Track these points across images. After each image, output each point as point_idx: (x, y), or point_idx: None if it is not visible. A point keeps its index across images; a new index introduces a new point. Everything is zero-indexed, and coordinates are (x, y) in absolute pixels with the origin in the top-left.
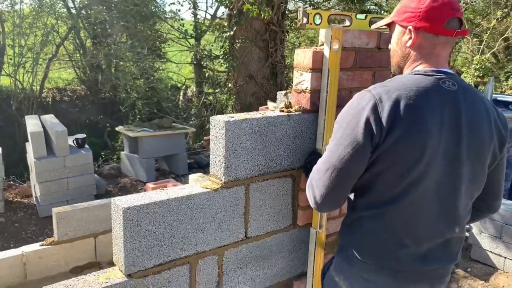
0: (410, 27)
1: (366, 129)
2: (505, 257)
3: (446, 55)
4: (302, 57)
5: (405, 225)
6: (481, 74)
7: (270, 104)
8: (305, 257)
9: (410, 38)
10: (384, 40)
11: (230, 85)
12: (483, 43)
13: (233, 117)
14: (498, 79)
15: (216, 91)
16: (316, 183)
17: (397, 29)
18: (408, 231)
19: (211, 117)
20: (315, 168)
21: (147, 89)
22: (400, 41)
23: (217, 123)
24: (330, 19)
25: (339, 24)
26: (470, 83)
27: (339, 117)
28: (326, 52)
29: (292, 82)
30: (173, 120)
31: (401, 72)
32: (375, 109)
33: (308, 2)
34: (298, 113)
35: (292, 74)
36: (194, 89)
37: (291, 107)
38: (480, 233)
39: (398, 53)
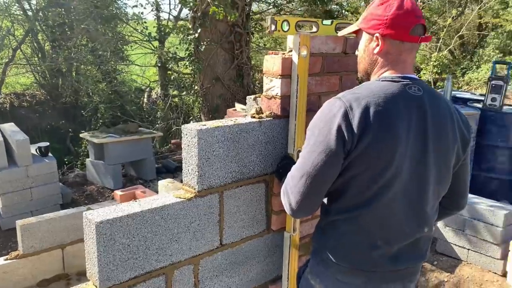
0: (377, 34)
1: (338, 136)
2: (468, 249)
3: (411, 61)
4: (272, 63)
5: (378, 227)
6: (439, 71)
7: (238, 106)
8: (280, 261)
9: (377, 45)
10: (350, 45)
11: (196, 87)
12: (440, 40)
13: (205, 125)
14: (455, 75)
15: (183, 93)
16: (291, 190)
17: (364, 36)
18: (380, 232)
19: (182, 126)
20: (289, 175)
21: (109, 92)
22: (367, 48)
23: (189, 131)
24: (298, 25)
25: (306, 31)
26: (429, 80)
27: (311, 125)
28: (295, 59)
29: (258, 83)
30: (139, 125)
31: (368, 78)
32: (346, 117)
33: (271, 4)
34: (269, 118)
35: (258, 75)
36: (159, 91)
37: (262, 113)
38: (445, 227)
39: (365, 60)
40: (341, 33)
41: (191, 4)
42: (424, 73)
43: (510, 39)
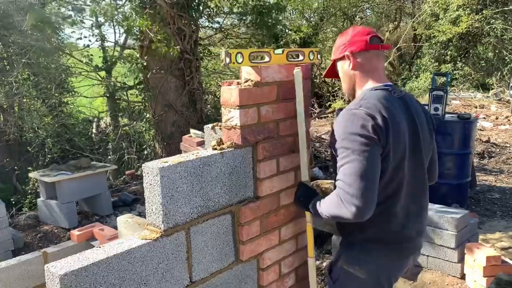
0: (346, 53)
1: (375, 134)
2: (427, 256)
3: (382, 67)
4: (229, 94)
5: (403, 210)
6: None
7: (193, 132)
8: None
9: (350, 62)
10: (303, 72)
11: (148, 115)
12: None
13: (166, 162)
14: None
15: (135, 123)
16: (354, 194)
17: (339, 63)
18: (405, 213)
19: (143, 165)
20: (343, 184)
21: (56, 126)
22: (344, 69)
23: (151, 170)
24: (251, 56)
25: (260, 61)
26: None
27: (343, 135)
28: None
29: (209, 105)
30: (91, 159)
31: (354, 94)
32: (374, 119)
33: (217, 30)
34: (230, 149)
35: (211, 96)
36: (108, 120)
37: (223, 144)
38: None
39: (346, 79)
40: (326, 75)
41: (137, 35)
42: None
43: (443, 48)
